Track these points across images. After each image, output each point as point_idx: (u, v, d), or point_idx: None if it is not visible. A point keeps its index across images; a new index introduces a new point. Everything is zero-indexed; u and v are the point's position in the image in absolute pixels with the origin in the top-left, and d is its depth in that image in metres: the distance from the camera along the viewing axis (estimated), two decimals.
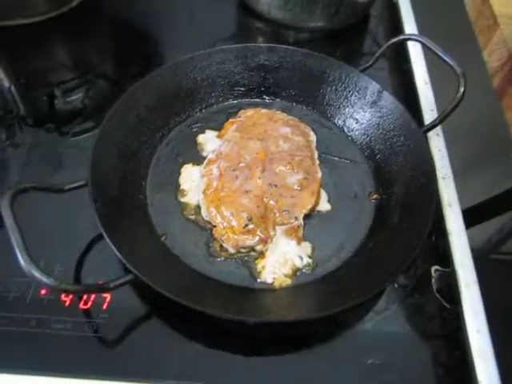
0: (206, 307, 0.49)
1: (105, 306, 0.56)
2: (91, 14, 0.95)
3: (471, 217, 0.67)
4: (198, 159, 0.69)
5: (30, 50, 0.87)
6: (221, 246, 0.59)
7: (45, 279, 0.45)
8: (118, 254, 0.51)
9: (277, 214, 0.60)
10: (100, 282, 0.52)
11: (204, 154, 0.69)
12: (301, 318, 0.50)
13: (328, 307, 0.51)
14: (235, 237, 0.58)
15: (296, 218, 0.60)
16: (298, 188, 0.62)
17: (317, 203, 0.63)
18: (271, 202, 0.61)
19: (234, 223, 0.58)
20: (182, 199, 0.64)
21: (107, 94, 0.84)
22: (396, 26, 0.92)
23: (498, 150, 0.76)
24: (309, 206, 0.62)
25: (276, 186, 0.62)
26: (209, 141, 0.70)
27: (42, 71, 0.87)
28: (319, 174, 0.65)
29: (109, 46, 0.95)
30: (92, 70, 0.86)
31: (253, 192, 0.61)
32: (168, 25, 0.93)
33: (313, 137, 0.70)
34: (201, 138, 0.71)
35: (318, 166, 0.66)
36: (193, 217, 0.63)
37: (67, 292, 0.51)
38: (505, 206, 0.73)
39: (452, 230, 0.63)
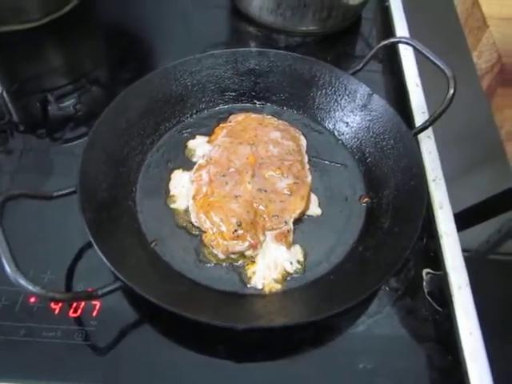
0: (195, 314, 0.49)
1: (95, 314, 0.56)
2: (84, 19, 0.95)
3: (463, 220, 0.67)
4: (188, 165, 0.69)
5: (23, 56, 0.87)
6: (210, 251, 0.59)
7: (31, 288, 0.45)
8: (106, 261, 0.51)
9: (266, 219, 0.60)
10: (89, 290, 0.52)
11: (194, 159, 0.69)
12: (290, 323, 0.50)
13: (318, 312, 0.51)
14: (225, 242, 0.58)
15: (286, 223, 0.60)
16: (288, 193, 0.62)
17: (307, 208, 0.63)
18: (261, 207, 0.61)
19: (223, 229, 0.58)
20: (172, 205, 0.64)
21: (100, 100, 0.83)
22: (388, 28, 0.92)
23: (488, 151, 0.76)
24: (298, 211, 0.61)
25: (266, 191, 0.62)
26: (199, 146, 0.70)
27: (34, 77, 0.86)
28: (309, 179, 0.65)
29: (102, 51, 0.95)
30: (85, 75, 0.86)
31: (242, 197, 0.61)
32: (161, 30, 0.93)
33: (303, 141, 0.70)
34: (191, 143, 0.71)
35: (307, 170, 0.66)
36: (183, 223, 0.63)
37: (55, 300, 0.51)
38: (497, 209, 0.73)
39: (443, 232, 0.63)
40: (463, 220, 0.67)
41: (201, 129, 0.74)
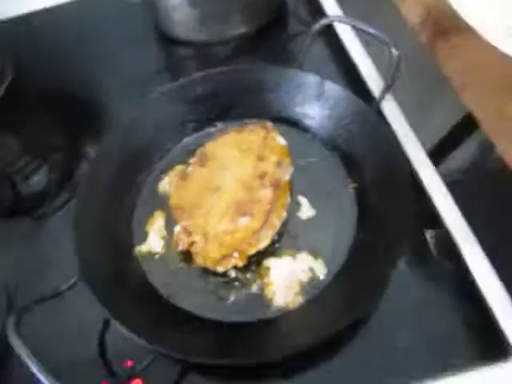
0: (231, 359, 0.50)
1: None
2: (22, 97, 0.93)
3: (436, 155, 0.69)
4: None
5: None
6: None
7: None
8: (132, 335, 0.52)
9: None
10: (128, 365, 0.53)
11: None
12: (329, 334, 0.51)
13: (355, 309, 0.53)
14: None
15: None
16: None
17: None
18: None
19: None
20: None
21: (68, 165, 0.84)
22: (316, 10, 0.92)
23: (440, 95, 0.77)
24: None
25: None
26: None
27: None
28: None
29: (50, 120, 0.94)
30: (44, 148, 0.86)
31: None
32: (100, 80, 0.92)
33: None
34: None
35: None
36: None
37: None
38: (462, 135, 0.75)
39: (431, 189, 0.65)
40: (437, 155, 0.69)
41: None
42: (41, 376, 0.47)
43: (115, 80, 0.92)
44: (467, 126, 0.74)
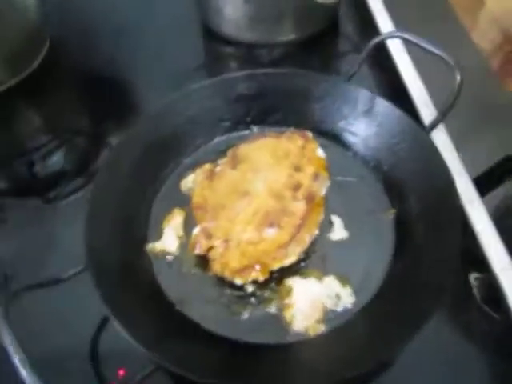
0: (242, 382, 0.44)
1: None
2: (54, 73, 0.90)
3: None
4: None
5: None
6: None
7: None
8: (133, 341, 0.46)
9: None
10: (121, 375, 0.47)
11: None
12: (349, 375, 0.45)
13: (382, 348, 0.47)
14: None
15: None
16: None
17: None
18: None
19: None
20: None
21: (87, 151, 0.80)
22: (369, 23, 0.88)
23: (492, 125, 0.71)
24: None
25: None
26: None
27: (17, 141, 0.82)
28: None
29: (79, 101, 0.90)
30: (68, 128, 0.82)
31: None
32: (137, 67, 0.88)
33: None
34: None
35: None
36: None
37: None
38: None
39: (480, 229, 0.59)
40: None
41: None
42: (21, 369, 0.41)
43: (152, 69, 0.88)
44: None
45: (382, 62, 0.81)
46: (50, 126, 0.86)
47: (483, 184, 0.65)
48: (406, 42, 0.68)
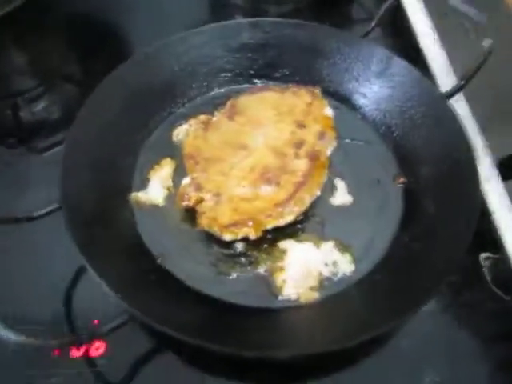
0: (222, 344, 0.39)
1: (102, 351, 0.46)
2: (43, 9, 0.82)
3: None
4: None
5: None
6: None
7: (13, 338, 0.35)
8: (107, 289, 0.41)
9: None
10: (93, 325, 0.42)
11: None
12: (338, 347, 0.40)
13: (371, 326, 0.42)
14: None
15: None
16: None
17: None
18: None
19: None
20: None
21: (76, 99, 0.73)
22: None
23: None
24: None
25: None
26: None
27: None
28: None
29: (69, 43, 0.83)
30: (55, 73, 0.76)
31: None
32: (134, 11, 0.82)
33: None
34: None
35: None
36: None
37: (47, 348, 0.41)
38: None
39: (495, 208, 0.54)
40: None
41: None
42: None
43: (150, 15, 0.82)
44: None
45: (399, 24, 0.75)
46: (36, 68, 0.79)
47: (507, 168, 0.60)
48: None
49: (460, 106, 0.62)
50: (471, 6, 0.56)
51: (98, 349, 0.46)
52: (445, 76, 0.66)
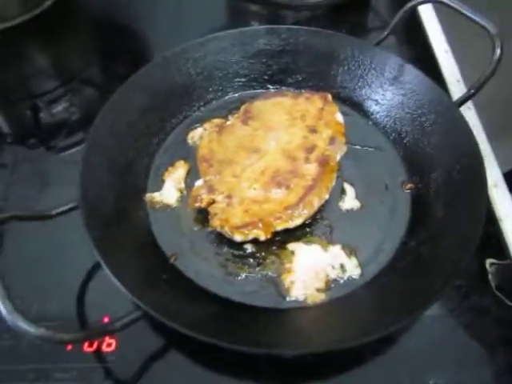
0: (231, 341, 0.41)
1: (113, 347, 0.48)
2: (67, 13, 0.86)
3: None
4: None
5: (5, 59, 0.79)
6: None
7: (33, 330, 0.37)
8: (121, 286, 0.43)
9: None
10: (105, 321, 0.44)
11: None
12: (345, 346, 0.41)
13: (377, 326, 0.43)
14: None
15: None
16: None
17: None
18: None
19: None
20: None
21: (95, 101, 0.76)
22: None
23: None
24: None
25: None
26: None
27: (20, 82, 0.78)
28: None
29: (91, 47, 0.86)
30: (76, 75, 0.78)
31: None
32: (154, 16, 0.84)
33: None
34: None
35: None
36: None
37: (65, 343, 0.43)
38: None
39: (503, 215, 0.55)
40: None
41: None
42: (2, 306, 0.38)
43: (170, 20, 0.84)
44: None
45: (412, 33, 0.76)
46: (57, 70, 0.82)
47: None
48: (442, 9, 0.63)
49: (469, 115, 0.63)
50: (483, 15, 0.56)
51: (109, 345, 0.48)
52: (456, 84, 0.67)
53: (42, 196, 0.61)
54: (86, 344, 0.48)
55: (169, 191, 0.58)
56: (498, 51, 0.55)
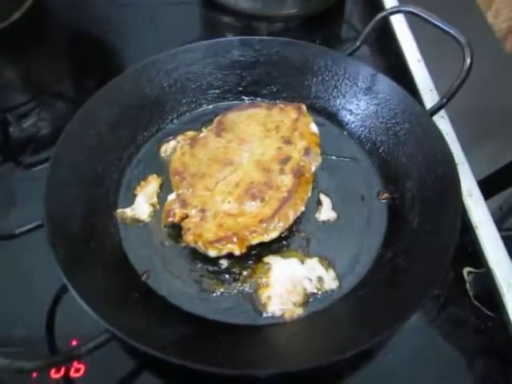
0: (206, 363, 0.39)
1: (82, 372, 0.46)
2: (37, 26, 0.84)
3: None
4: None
5: None
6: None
7: None
8: (87, 308, 0.41)
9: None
10: (73, 345, 0.42)
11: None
12: (325, 363, 0.40)
13: (354, 341, 0.41)
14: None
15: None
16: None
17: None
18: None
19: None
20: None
21: (67, 116, 0.73)
22: (374, 4, 0.83)
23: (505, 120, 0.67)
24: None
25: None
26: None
27: None
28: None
29: (62, 59, 0.84)
30: (47, 89, 0.76)
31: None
32: (127, 29, 0.83)
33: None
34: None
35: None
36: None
37: (23, 372, 0.40)
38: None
39: (478, 222, 0.55)
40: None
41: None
42: None
43: (143, 33, 0.82)
44: None
45: (384, 43, 0.77)
46: (28, 85, 0.79)
47: (486, 188, 0.60)
48: (413, 19, 0.63)
49: (443, 123, 0.63)
50: (454, 25, 0.57)
51: (78, 370, 0.46)
52: (429, 93, 0.67)
53: (7, 214, 0.58)
54: (53, 370, 0.46)
55: (141, 206, 0.57)
56: (468, 60, 0.56)
